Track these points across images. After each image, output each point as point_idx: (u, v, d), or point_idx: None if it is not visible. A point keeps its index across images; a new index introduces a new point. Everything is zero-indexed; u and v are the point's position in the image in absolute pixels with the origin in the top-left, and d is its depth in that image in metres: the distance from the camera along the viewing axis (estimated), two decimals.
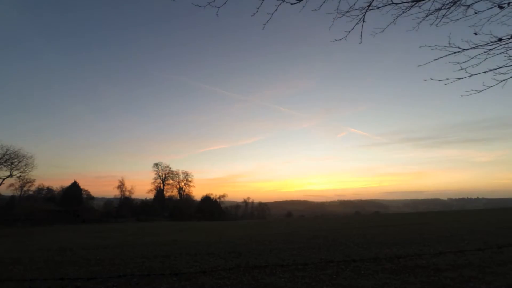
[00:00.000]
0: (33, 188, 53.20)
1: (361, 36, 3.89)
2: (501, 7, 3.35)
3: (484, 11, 3.44)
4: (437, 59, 3.71)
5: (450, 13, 3.65)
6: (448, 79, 3.79)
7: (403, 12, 3.73)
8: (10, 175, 40.63)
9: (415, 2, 3.64)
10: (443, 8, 3.65)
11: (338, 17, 3.76)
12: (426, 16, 3.76)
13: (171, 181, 69.57)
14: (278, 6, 3.57)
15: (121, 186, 62.44)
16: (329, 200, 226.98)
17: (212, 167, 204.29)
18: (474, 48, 3.54)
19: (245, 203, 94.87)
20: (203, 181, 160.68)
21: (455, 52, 3.60)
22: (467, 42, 3.53)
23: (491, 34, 3.44)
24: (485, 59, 3.60)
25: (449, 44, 3.55)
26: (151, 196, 68.30)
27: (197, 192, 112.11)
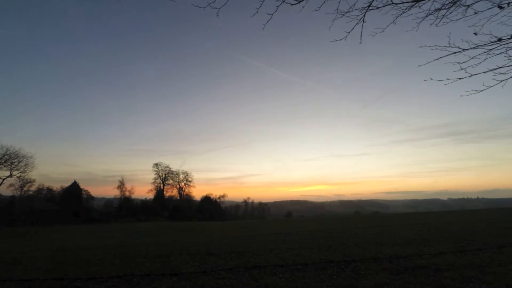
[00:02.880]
0: (33, 188, 53.38)
1: (361, 36, 3.90)
2: (501, 7, 3.36)
3: (484, 11, 3.45)
4: (437, 59, 3.72)
5: (450, 13, 3.65)
6: (448, 79, 3.79)
7: (403, 12, 3.73)
8: (10, 175, 40.72)
9: (415, 2, 3.64)
10: (443, 8, 3.66)
11: (338, 18, 3.76)
12: (426, 16, 3.77)
13: (171, 181, 69.76)
14: (278, 6, 3.58)
15: (121, 186, 62.63)
16: (329, 200, 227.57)
17: (214, 167, 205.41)
18: (474, 48, 3.54)
19: (245, 203, 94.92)
20: (214, 181, 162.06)
21: (455, 52, 3.60)
22: (467, 42, 3.54)
23: (491, 34, 3.45)
24: (485, 59, 3.60)
25: (449, 44, 3.56)
26: (151, 196, 68.50)
27: (198, 192, 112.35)
